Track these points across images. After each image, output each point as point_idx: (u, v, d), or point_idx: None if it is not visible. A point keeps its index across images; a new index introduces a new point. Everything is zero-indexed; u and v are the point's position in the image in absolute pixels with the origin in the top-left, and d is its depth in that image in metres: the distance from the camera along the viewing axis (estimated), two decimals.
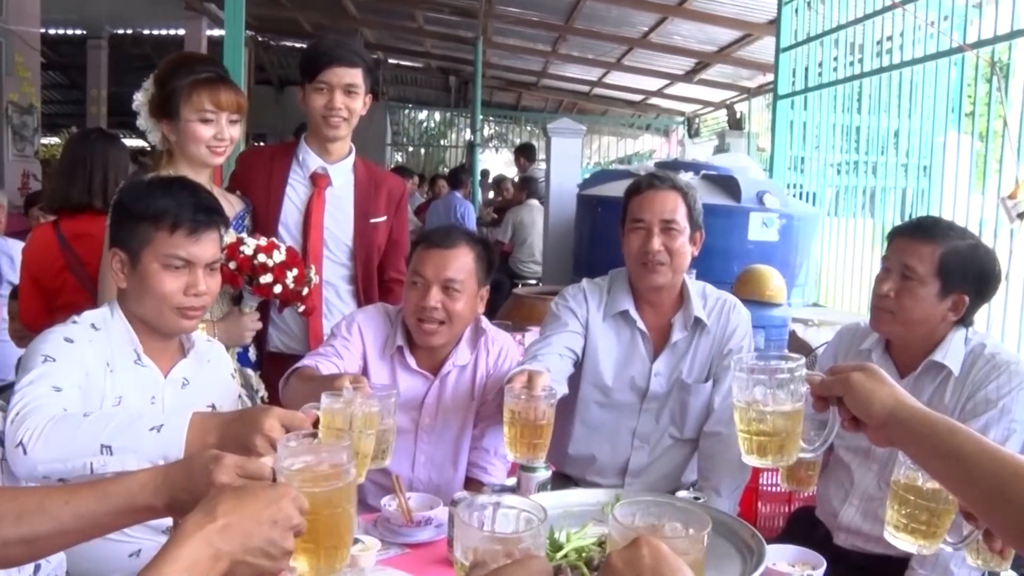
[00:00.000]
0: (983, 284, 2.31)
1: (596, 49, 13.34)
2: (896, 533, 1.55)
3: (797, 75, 6.87)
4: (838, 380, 1.43)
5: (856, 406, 1.40)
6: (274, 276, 2.58)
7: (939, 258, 2.25)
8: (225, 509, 1.17)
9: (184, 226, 2.02)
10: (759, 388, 1.51)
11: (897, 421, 1.34)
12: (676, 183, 2.62)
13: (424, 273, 2.45)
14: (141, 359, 2.09)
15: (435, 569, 2.00)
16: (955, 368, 2.29)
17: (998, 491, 1.19)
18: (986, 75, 4.69)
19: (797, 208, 5.33)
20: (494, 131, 21.44)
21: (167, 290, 2.03)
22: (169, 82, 2.64)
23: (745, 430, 1.54)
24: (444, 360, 2.56)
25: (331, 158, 2.99)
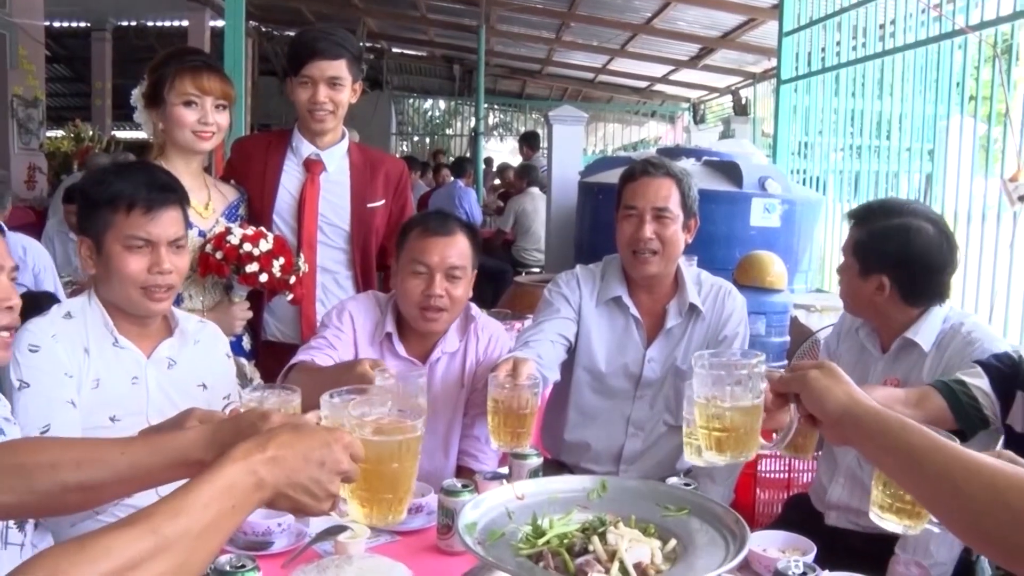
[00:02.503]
0: (902, 267, 2.32)
1: (600, 36, 13.30)
2: (882, 514, 1.54)
3: (800, 60, 6.83)
4: (795, 378, 1.45)
5: (811, 403, 1.42)
6: (260, 265, 2.58)
7: (854, 241, 2.37)
8: (278, 443, 1.19)
9: (139, 206, 2.06)
10: (718, 385, 1.53)
11: (850, 418, 1.35)
12: (670, 170, 2.60)
13: (427, 261, 2.44)
14: (119, 341, 2.12)
15: (425, 556, 2.00)
16: (926, 345, 2.33)
17: (950, 487, 1.20)
18: (989, 57, 4.66)
19: (799, 193, 5.31)
20: (499, 119, 21.40)
21: (131, 271, 2.07)
22: (158, 71, 2.67)
23: (704, 426, 1.56)
24: (433, 347, 2.55)
25: (324, 145, 2.98)
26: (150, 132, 2.76)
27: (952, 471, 1.20)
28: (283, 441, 1.20)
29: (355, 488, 1.35)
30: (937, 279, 2.36)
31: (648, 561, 1.47)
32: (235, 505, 1.13)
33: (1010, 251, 4.19)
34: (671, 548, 1.52)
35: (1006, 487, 1.15)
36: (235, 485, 1.13)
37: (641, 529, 1.56)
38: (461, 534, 1.48)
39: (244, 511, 1.15)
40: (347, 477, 1.26)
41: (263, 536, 1.99)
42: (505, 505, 1.63)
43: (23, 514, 1.58)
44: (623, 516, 1.59)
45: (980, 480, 1.17)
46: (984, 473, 1.18)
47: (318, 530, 1.96)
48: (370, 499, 1.38)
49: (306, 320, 2.92)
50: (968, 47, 4.77)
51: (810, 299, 4.95)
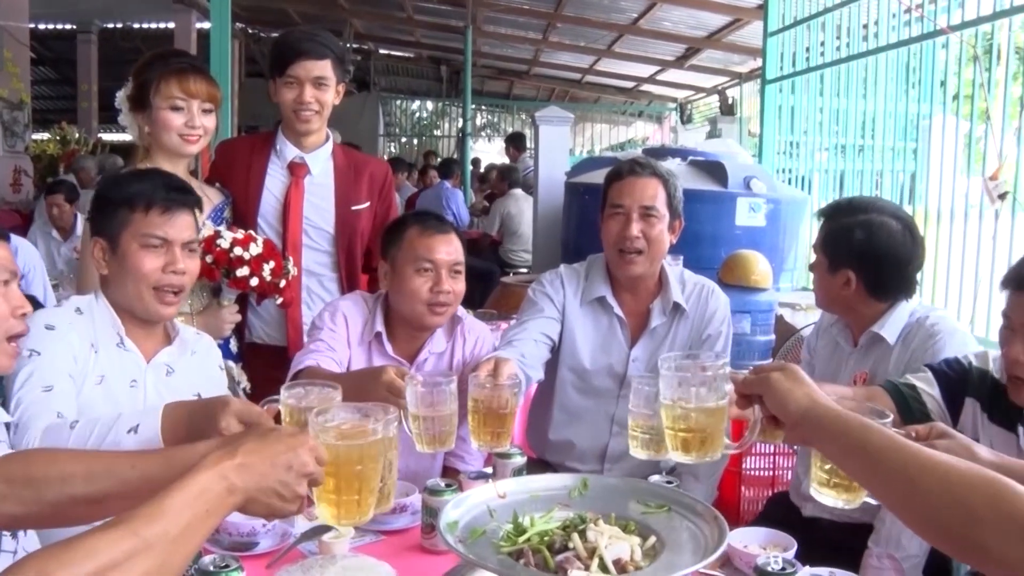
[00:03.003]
0: (864, 260, 2.39)
1: (587, 36, 13.33)
2: (820, 489, 1.57)
3: (785, 59, 6.86)
4: (758, 380, 1.48)
5: (773, 405, 1.45)
6: (251, 269, 2.58)
7: (823, 237, 2.45)
8: (246, 449, 1.26)
9: (157, 205, 2.10)
10: (684, 386, 1.56)
11: (811, 420, 1.38)
12: (657, 170, 2.62)
13: (434, 258, 2.45)
14: (124, 342, 2.13)
15: (408, 555, 2.02)
16: (891, 339, 2.39)
17: (907, 484, 1.24)
18: (971, 57, 4.69)
19: (785, 193, 5.33)
20: (486, 120, 21.41)
21: (147, 268, 2.09)
22: (143, 75, 2.67)
23: (671, 427, 1.59)
24: (421, 348, 2.56)
25: (308, 147, 2.97)
26: (135, 135, 2.76)
27: (909, 468, 1.23)
28: (250, 448, 1.26)
29: (322, 490, 1.40)
30: (902, 273, 2.42)
31: (628, 558, 1.48)
32: (208, 510, 1.18)
33: (992, 247, 4.23)
34: (651, 545, 1.53)
35: (959, 483, 1.19)
36: (207, 490, 1.19)
37: (621, 526, 1.57)
38: (442, 532, 1.50)
39: (218, 515, 1.21)
40: (313, 480, 1.32)
41: (248, 537, 2.00)
42: (487, 504, 1.64)
43: (31, 525, 1.60)
44: (604, 513, 1.61)
45: (935, 476, 1.21)
46: (939, 470, 1.21)
47: (303, 530, 1.97)
48: (337, 501, 1.42)
49: (292, 323, 2.92)
50: (951, 46, 4.80)
51: (795, 298, 4.97)
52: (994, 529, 1.14)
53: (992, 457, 1.57)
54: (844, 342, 2.53)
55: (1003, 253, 4.17)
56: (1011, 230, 4.15)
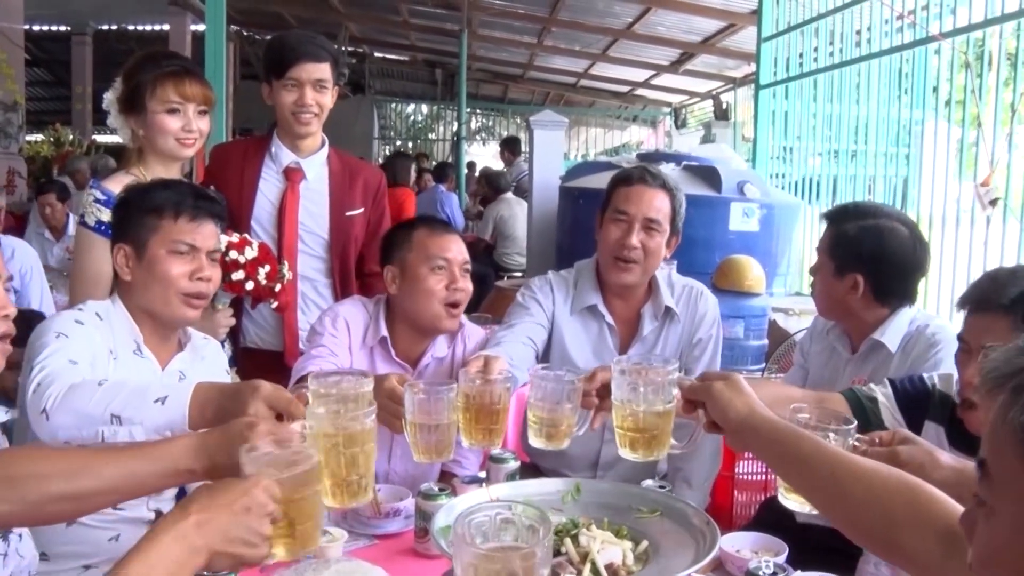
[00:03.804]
0: (876, 263, 2.37)
1: (581, 40, 13.35)
2: (787, 495, 1.59)
3: (779, 65, 6.88)
4: (701, 387, 1.57)
5: (715, 412, 1.54)
6: (246, 273, 2.58)
7: (829, 240, 2.42)
8: (199, 506, 1.23)
9: (186, 213, 2.13)
10: (634, 389, 1.65)
11: (748, 428, 1.48)
12: (667, 183, 2.60)
13: (448, 256, 2.47)
14: (141, 350, 2.14)
15: (402, 559, 2.02)
16: (892, 347, 2.38)
17: (837, 490, 1.32)
18: (962, 64, 4.71)
19: (778, 198, 5.34)
20: (481, 124, 21.42)
21: (175, 274, 2.11)
22: (135, 77, 2.64)
23: (620, 426, 1.68)
24: (424, 352, 2.56)
25: (303, 152, 2.97)
26: (127, 138, 2.73)
27: (835, 474, 1.33)
28: (203, 504, 1.24)
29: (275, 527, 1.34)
30: (909, 279, 2.42)
31: (620, 562, 1.49)
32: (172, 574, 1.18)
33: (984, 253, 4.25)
34: (643, 549, 1.54)
35: (881, 488, 1.27)
36: (165, 556, 1.18)
37: (614, 531, 1.58)
38: (435, 537, 1.51)
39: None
40: (273, 517, 1.30)
41: None
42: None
43: (16, 523, 1.62)
44: (596, 518, 1.62)
45: (859, 482, 1.30)
46: (864, 476, 1.30)
47: None
48: (290, 532, 1.37)
49: (287, 327, 2.93)
50: (943, 52, 4.83)
51: (789, 303, 4.98)
52: (911, 531, 1.22)
53: (954, 463, 1.60)
54: (842, 348, 2.52)
55: (994, 259, 4.19)
56: (1002, 236, 4.17)
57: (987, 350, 1.68)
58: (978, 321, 1.86)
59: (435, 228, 2.53)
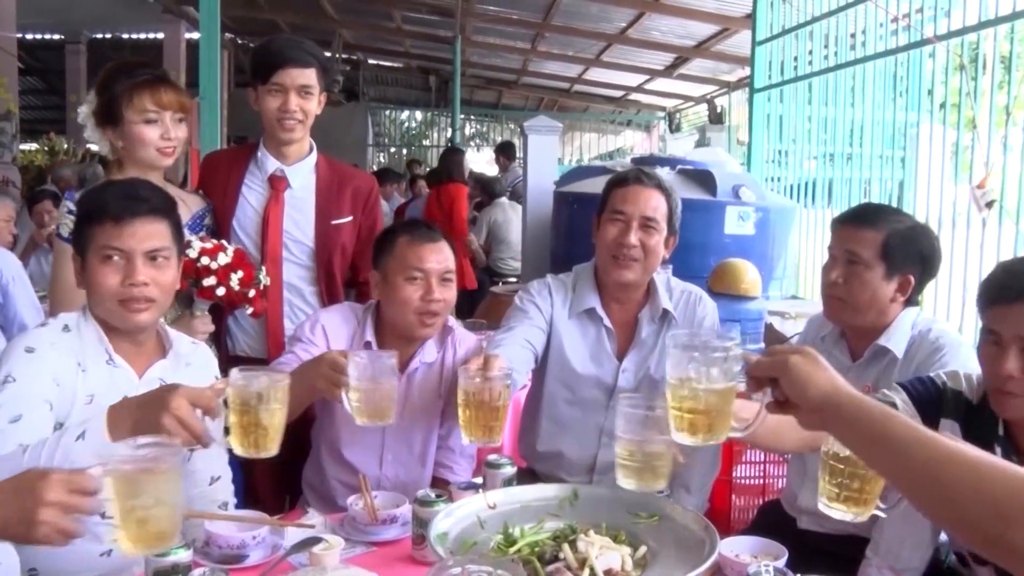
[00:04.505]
0: (926, 262, 2.39)
1: (575, 45, 13.36)
2: (830, 504, 1.55)
3: (773, 68, 6.89)
4: (775, 362, 1.43)
5: (792, 388, 1.40)
6: (217, 279, 2.56)
7: (882, 242, 2.34)
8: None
9: (112, 216, 2.04)
10: (693, 365, 1.50)
11: (832, 405, 1.35)
12: (662, 184, 2.62)
13: (424, 267, 2.46)
14: (113, 359, 2.10)
15: (399, 566, 2.00)
16: (899, 352, 2.36)
17: (931, 476, 1.21)
18: (957, 66, 4.72)
19: (774, 201, 5.33)
20: (475, 130, 21.43)
21: (105, 283, 2.05)
22: (109, 88, 2.63)
23: (677, 407, 1.53)
24: (412, 357, 2.56)
25: (289, 160, 2.94)
26: (106, 150, 2.73)
27: (934, 461, 1.21)
28: None
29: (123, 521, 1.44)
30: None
31: (619, 568, 1.48)
32: None
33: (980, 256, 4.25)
34: (641, 555, 1.53)
35: (988, 479, 1.16)
36: None
37: (612, 536, 1.57)
38: (433, 544, 1.49)
39: None
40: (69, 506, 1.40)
41: (238, 549, 1.98)
42: (477, 514, 1.64)
43: None
44: (594, 524, 1.61)
45: (962, 470, 1.19)
46: (967, 463, 1.19)
47: (292, 543, 1.96)
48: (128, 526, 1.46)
49: (272, 336, 2.89)
50: (938, 55, 4.83)
51: (785, 306, 4.97)
52: None
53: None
54: (841, 355, 2.49)
55: (991, 261, 4.19)
56: (998, 239, 4.17)
57: None
58: (1011, 311, 1.84)
59: (416, 236, 2.51)
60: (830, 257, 2.44)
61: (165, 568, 1.71)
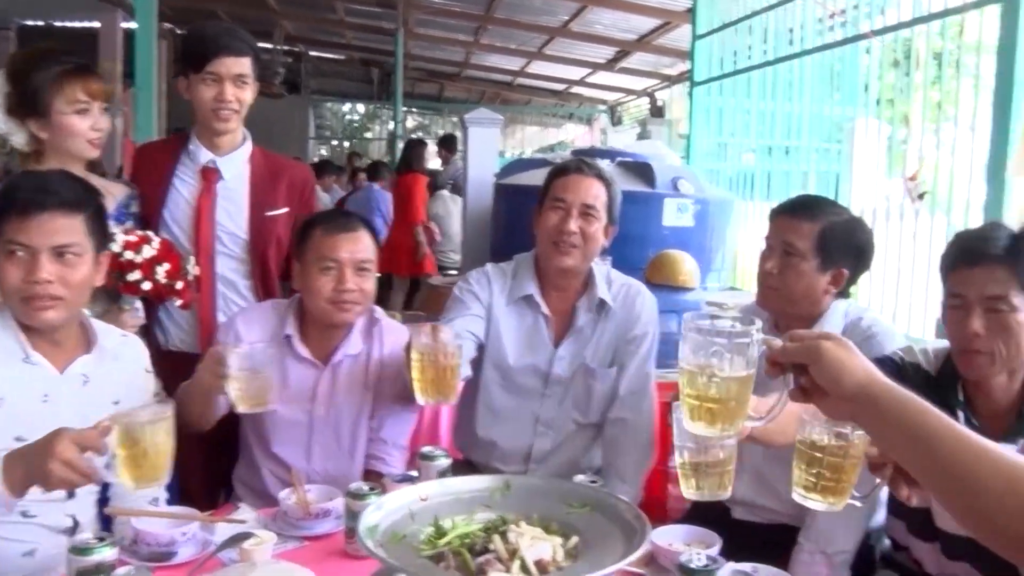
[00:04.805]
0: (860, 256, 2.44)
1: (518, 39, 13.34)
2: (806, 493, 1.52)
3: (713, 62, 6.94)
4: (806, 347, 1.32)
5: (824, 376, 1.29)
6: (141, 273, 2.51)
7: (818, 234, 2.37)
8: None
9: (18, 209, 1.98)
10: (716, 351, 1.37)
11: (868, 395, 1.26)
12: (602, 173, 2.66)
13: (337, 257, 2.44)
14: (30, 357, 2.04)
15: (332, 560, 1.99)
16: None
17: (971, 481, 1.15)
18: (891, 63, 4.80)
19: (712, 193, 5.36)
20: (418, 122, 21.34)
21: (8, 279, 1.99)
22: (32, 77, 2.54)
23: (694, 395, 1.40)
24: (335, 349, 2.54)
25: (222, 150, 2.87)
26: (22, 142, 2.61)
27: (967, 457, 1.16)
28: None
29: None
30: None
31: (549, 558, 1.47)
32: None
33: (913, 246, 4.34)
34: (573, 545, 1.53)
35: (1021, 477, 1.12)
36: None
37: (543, 527, 1.56)
38: (362, 537, 1.47)
39: None
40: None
41: (167, 547, 1.95)
42: (408, 507, 1.62)
43: None
44: (526, 514, 1.60)
45: (997, 467, 1.14)
46: (1001, 461, 1.14)
47: (224, 538, 1.93)
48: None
49: (204, 330, 2.84)
50: (874, 52, 4.91)
51: (722, 297, 4.99)
52: None
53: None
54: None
55: (923, 251, 4.28)
56: (930, 229, 4.25)
57: None
58: (975, 274, 1.96)
59: (331, 226, 2.50)
60: (767, 247, 2.47)
61: (88, 567, 1.67)
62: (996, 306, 1.94)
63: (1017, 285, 1.94)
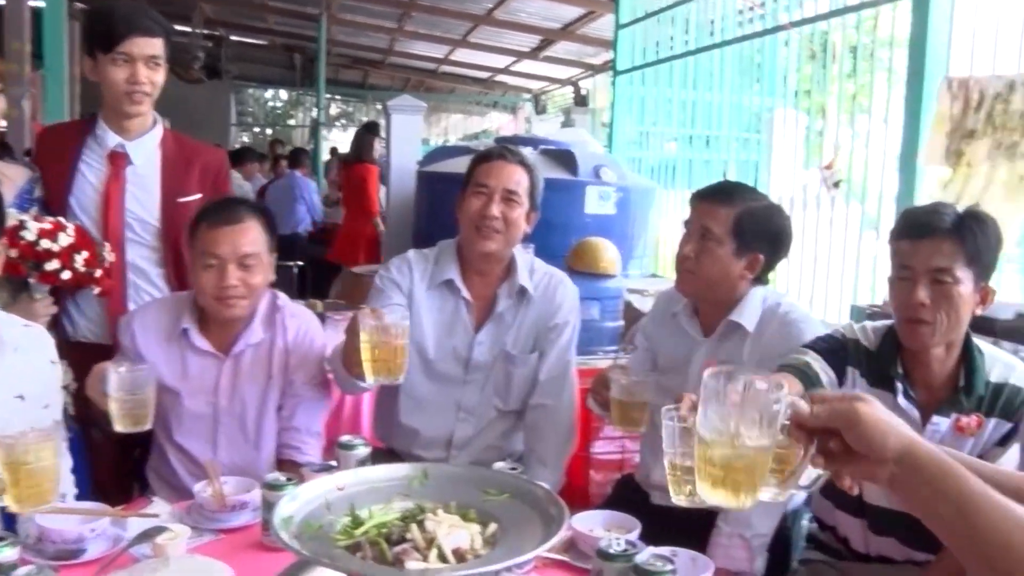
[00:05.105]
0: (776, 243, 2.46)
1: (442, 26, 13.27)
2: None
3: (636, 52, 7.00)
4: (842, 411, 1.21)
5: (865, 440, 1.19)
6: (61, 262, 2.42)
7: (734, 219, 2.39)
8: None
9: None
10: (746, 419, 1.20)
11: (912, 457, 1.19)
12: (525, 160, 2.67)
13: (218, 252, 2.37)
14: None
15: (249, 552, 1.95)
16: (750, 327, 2.43)
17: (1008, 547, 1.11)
18: (809, 55, 4.89)
19: (634, 181, 5.42)
20: (341, 110, 21.12)
21: None
22: None
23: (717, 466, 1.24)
24: (236, 339, 2.49)
25: (131, 134, 2.78)
26: None
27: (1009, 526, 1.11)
28: None
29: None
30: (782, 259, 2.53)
31: (467, 546, 1.46)
32: None
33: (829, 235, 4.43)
34: (491, 532, 1.52)
35: None
36: None
37: (461, 515, 1.55)
38: (276, 528, 1.44)
39: None
40: None
41: (74, 544, 1.89)
42: (324, 497, 1.60)
43: None
44: (444, 503, 1.59)
45: None
46: None
47: (136, 534, 1.88)
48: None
49: (114, 321, 2.72)
50: (792, 44, 5.00)
51: (644, 284, 5.06)
52: None
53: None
54: (693, 330, 2.54)
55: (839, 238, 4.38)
56: (846, 217, 4.35)
57: None
58: (923, 247, 2.05)
59: (214, 220, 2.41)
60: (686, 232, 2.49)
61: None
62: (941, 278, 2.04)
63: (962, 259, 2.03)
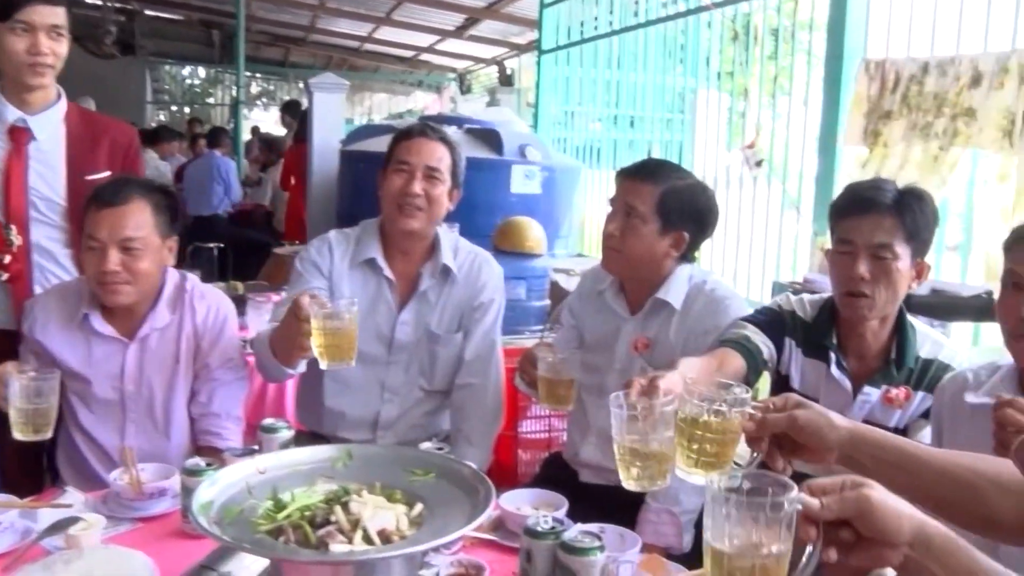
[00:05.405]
0: (701, 221, 2.46)
1: (365, 4, 13.10)
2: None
3: (561, 32, 6.99)
4: (853, 502, 1.19)
5: (879, 526, 1.19)
6: None
7: (659, 197, 2.38)
8: None
9: None
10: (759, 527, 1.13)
11: (924, 537, 1.20)
12: (446, 137, 2.66)
13: (98, 236, 2.27)
14: None
15: (168, 541, 1.89)
16: (677, 304, 2.43)
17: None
18: (732, 37, 4.94)
19: (560, 161, 5.43)
20: (262, 88, 20.76)
21: None
22: None
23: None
24: (141, 323, 2.41)
25: (33, 108, 2.66)
26: None
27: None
28: None
29: None
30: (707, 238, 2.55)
31: (393, 527, 1.44)
32: None
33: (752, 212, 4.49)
34: (417, 512, 1.50)
35: None
36: None
37: (387, 496, 1.53)
38: (195, 514, 1.40)
39: None
40: None
41: None
42: (245, 481, 1.56)
43: None
44: (368, 484, 1.56)
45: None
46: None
47: (46, 525, 1.82)
48: None
49: (19, 304, 2.61)
50: (715, 26, 5.04)
51: (570, 263, 5.06)
52: None
53: (847, 424, 1.46)
54: (619, 308, 2.54)
55: (761, 215, 4.43)
56: (767, 196, 4.41)
57: None
58: (865, 222, 2.13)
59: (98, 202, 2.31)
60: (611, 209, 2.48)
61: None
62: (881, 253, 2.11)
63: (901, 235, 2.11)
